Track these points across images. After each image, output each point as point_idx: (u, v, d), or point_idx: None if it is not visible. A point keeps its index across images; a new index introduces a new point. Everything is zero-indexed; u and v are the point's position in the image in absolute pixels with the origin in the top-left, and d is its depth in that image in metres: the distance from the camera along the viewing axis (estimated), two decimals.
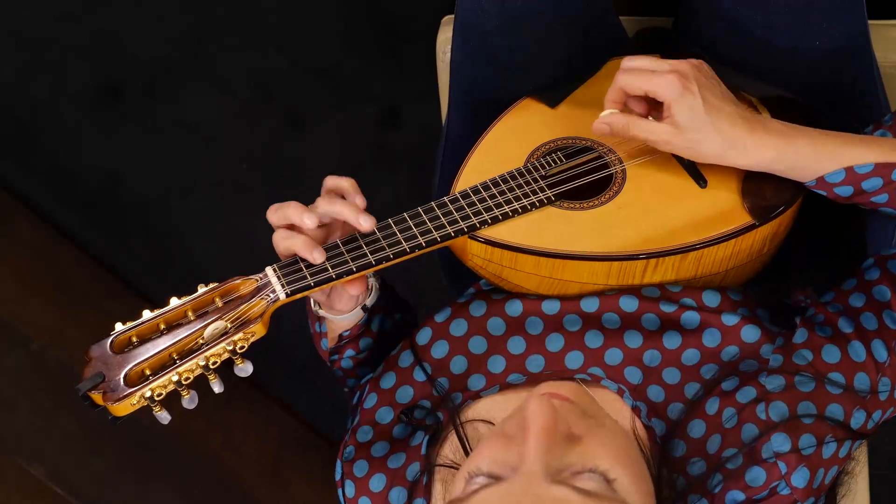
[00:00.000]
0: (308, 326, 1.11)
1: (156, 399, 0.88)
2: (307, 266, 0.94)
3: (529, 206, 1.00)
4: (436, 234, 0.97)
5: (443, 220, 0.98)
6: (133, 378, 0.88)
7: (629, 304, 0.98)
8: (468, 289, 1.09)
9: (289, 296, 0.92)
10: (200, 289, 0.93)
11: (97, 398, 0.88)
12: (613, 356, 0.97)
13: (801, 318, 0.95)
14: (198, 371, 0.89)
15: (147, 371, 0.88)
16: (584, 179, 1.03)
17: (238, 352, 0.91)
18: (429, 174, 1.30)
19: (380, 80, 1.91)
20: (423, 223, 0.97)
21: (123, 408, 0.88)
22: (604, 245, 0.98)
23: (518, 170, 1.03)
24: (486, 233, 0.98)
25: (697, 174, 1.02)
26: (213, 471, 1.92)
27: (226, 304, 0.92)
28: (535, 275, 0.99)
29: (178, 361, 0.89)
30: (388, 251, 0.95)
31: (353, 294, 0.99)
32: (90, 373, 0.88)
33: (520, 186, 1.01)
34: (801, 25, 1.09)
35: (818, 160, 0.96)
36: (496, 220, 0.98)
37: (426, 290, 1.15)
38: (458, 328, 1.02)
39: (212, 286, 0.93)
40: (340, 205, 0.95)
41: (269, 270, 0.94)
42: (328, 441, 1.98)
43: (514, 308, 1.01)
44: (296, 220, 0.94)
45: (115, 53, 1.93)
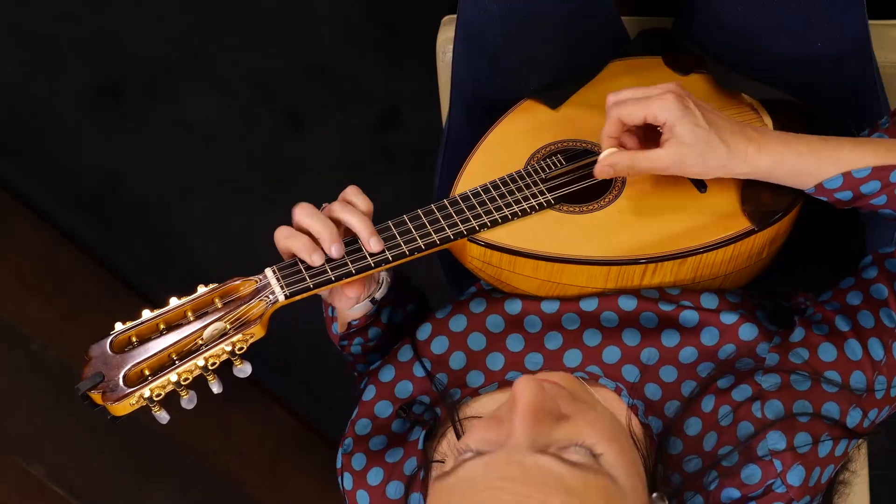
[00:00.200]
0: (307, 328, 1.12)
1: (155, 399, 0.88)
2: (306, 268, 0.94)
3: (529, 210, 1.00)
4: (435, 237, 0.97)
5: (442, 223, 0.98)
6: (132, 378, 0.88)
7: (628, 304, 0.98)
8: (469, 288, 1.09)
9: (288, 297, 0.92)
10: (200, 289, 0.93)
11: (96, 398, 0.88)
12: (611, 354, 0.97)
13: (799, 318, 0.95)
14: (197, 371, 0.89)
15: (146, 371, 0.88)
16: (585, 183, 1.03)
17: (237, 353, 0.91)
18: (429, 174, 1.30)
19: (380, 80, 1.91)
20: (423, 226, 0.97)
21: (122, 407, 0.88)
22: (603, 249, 0.98)
23: (518, 172, 1.03)
24: (486, 236, 0.98)
25: (697, 179, 1.02)
26: (213, 470, 1.92)
27: (225, 305, 0.92)
28: (534, 278, 0.99)
29: (178, 362, 0.89)
30: (388, 253, 0.95)
31: (351, 297, 0.99)
32: (90, 372, 0.88)
33: (520, 189, 1.01)
34: (802, 26, 1.09)
35: (816, 166, 0.96)
36: (495, 223, 0.98)
37: (426, 290, 1.15)
38: (458, 324, 1.02)
39: (211, 287, 0.93)
40: (357, 218, 0.95)
41: (269, 272, 0.94)
42: (326, 440, 1.98)
43: (514, 306, 1.01)
44: (321, 236, 0.94)
45: (115, 53, 1.93)
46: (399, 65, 1.90)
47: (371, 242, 0.94)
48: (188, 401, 0.90)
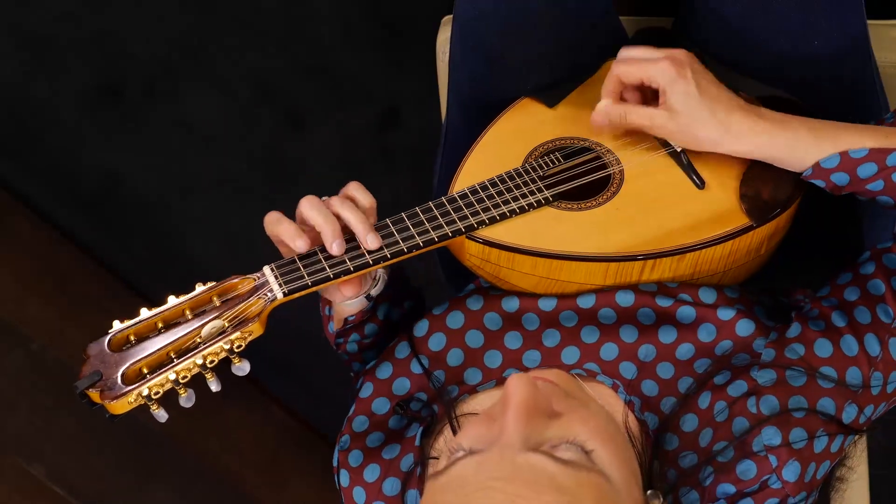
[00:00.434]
0: (306, 326, 1.12)
1: (153, 397, 0.88)
2: (305, 265, 0.94)
3: (527, 207, 1.00)
4: (433, 235, 0.97)
5: (440, 221, 0.98)
6: (130, 376, 0.88)
7: (625, 300, 0.98)
8: (467, 285, 1.09)
9: (286, 295, 0.92)
10: (198, 287, 0.93)
11: (95, 396, 0.88)
12: (609, 351, 0.97)
13: (796, 313, 0.95)
14: (195, 370, 0.89)
15: (144, 369, 0.88)
16: (583, 180, 1.03)
17: (235, 351, 0.91)
18: (429, 174, 1.30)
19: (380, 80, 1.91)
20: (421, 223, 0.97)
21: (121, 406, 0.88)
22: (601, 246, 0.98)
23: (516, 170, 1.03)
24: (484, 233, 0.98)
25: (695, 175, 1.02)
26: (212, 470, 1.92)
27: (223, 303, 0.92)
28: (533, 275, 0.99)
29: (176, 360, 0.89)
30: (386, 251, 0.95)
31: (348, 295, 0.99)
32: (88, 371, 0.88)
33: (518, 187, 1.01)
34: (801, 25, 1.09)
35: (814, 144, 0.96)
36: (494, 221, 0.98)
37: (425, 288, 1.15)
38: (455, 321, 1.02)
39: (209, 285, 0.93)
40: (354, 214, 0.95)
41: (267, 270, 0.94)
42: (326, 440, 1.98)
43: (511, 304, 1.01)
44: (322, 231, 0.94)
45: (115, 53, 1.93)
46: (399, 65, 1.90)
47: (368, 239, 0.94)
48: (186, 399, 0.91)
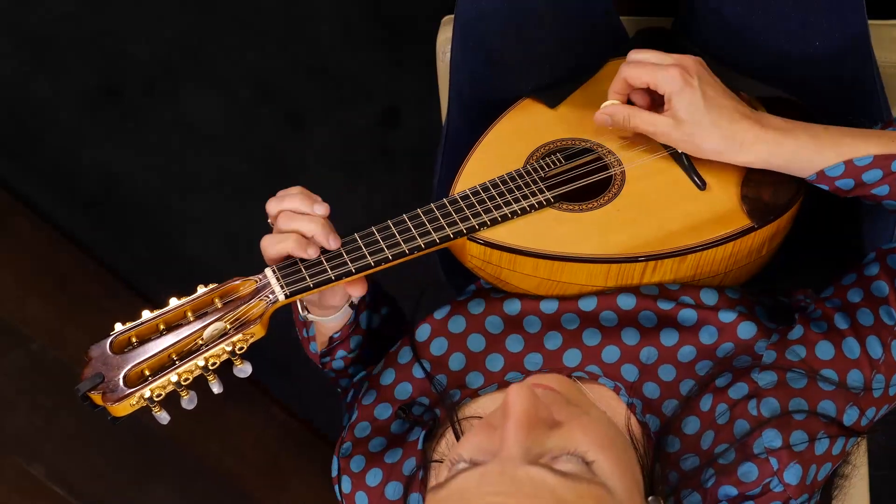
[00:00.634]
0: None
1: (155, 399, 0.88)
2: (306, 267, 0.94)
3: (528, 208, 1.00)
4: (434, 236, 0.97)
5: (442, 222, 0.98)
6: (132, 378, 0.88)
7: (627, 302, 0.98)
8: (468, 286, 1.09)
9: (288, 297, 0.92)
10: (200, 289, 0.93)
11: (97, 398, 0.88)
12: (611, 354, 0.97)
13: (800, 315, 0.95)
14: (197, 372, 0.89)
15: (146, 372, 0.88)
16: (584, 181, 1.03)
17: (237, 353, 0.91)
18: (429, 174, 1.30)
19: (380, 80, 1.91)
20: (423, 225, 0.97)
21: (123, 408, 0.88)
22: (603, 247, 0.98)
23: (517, 171, 1.03)
24: (485, 234, 0.98)
25: (697, 176, 1.02)
26: (213, 471, 1.92)
27: (225, 305, 0.92)
28: (534, 276, 0.99)
29: (178, 362, 0.89)
30: (387, 252, 0.95)
31: (354, 295, 0.99)
32: (90, 373, 0.88)
33: (519, 188, 1.01)
34: (801, 25, 1.09)
35: (817, 152, 0.96)
36: (495, 222, 0.98)
37: (426, 289, 1.15)
38: (457, 325, 1.02)
39: (211, 287, 0.93)
40: (306, 222, 0.94)
41: (269, 271, 0.94)
42: (327, 441, 1.98)
43: (513, 307, 1.01)
44: (314, 234, 0.93)
45: (115, 53, 1.93)
46: (399, 65, 1.90)
47: (330, 241, 0.94)
48: (188, 401, 0.90)
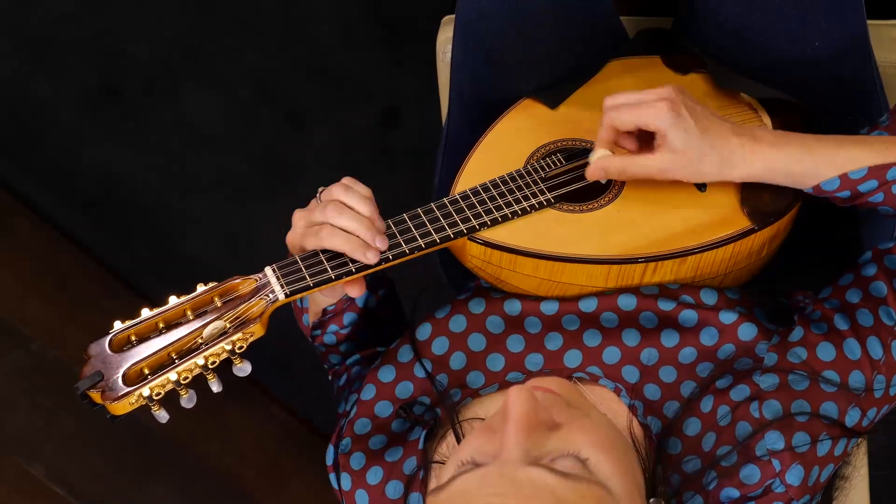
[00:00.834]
0: None
1: (154, 398, 0.88)
2: (307, 266, 0.94)
3: (529, 209, 1.00)
4: (435, 236, 0.97)
5: (442, 222, 0.98)
6: (132, 377, 0.88)
7: (627, 303, 0.98)
8: (468, 284, 1.09)
9: (288, 296, 0.92)
10: (199, 288, 0.92)
11: (96, 397, 0.88)
12: (612, 355, 0.97)
13: (799, 316, 0.95)
14: (196, 370, 0.89)
15: (146, 370, 0.88)
16: (584, 182, 1.03)
17: (237, 351, 0.91)
18: (429, 174, 1.30)
19: (380, 80, 1.91)
20: (423, 224, 0.97)
21: (122, 407, 0.87)
22: (603, 248, 0.98)
23: (518, 171, 1.02)
24: (485, 235, 0.98)
25: None
26: (213, 471, 1.92)
27: (225, 304, 0.92)
28: (534, 277, 0.99)
29: (177, 361, 0.89)
30: (388, 252, 0.95)
31: (354, 295, 0.99)
32: (89, 371, 0.88)
33: (519, 188, 1.01)
34: (801, 25, 1.09)
35: (812, 167, 0.96)
36: (495, 222, 0.98)
37: (425, 289, 1.15)
38: (458, 324, 1.02)
39: (211, 285, 0.93)
40: (352, 220, 0.94)
41: (269, 270, 0.94)
42: (327, 441, 1.98)
43: (513, 307, 1.01)
44: (365, 236, 0.93)
45: (115, 53, 1.93)
46: (399, 65, 1.90)
47: (377, 242, 0.94)
48: (188, 400, 0.90)
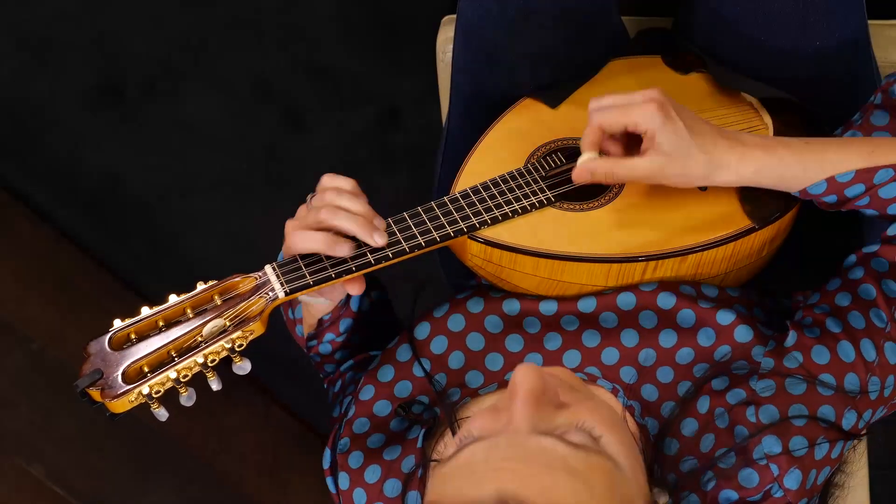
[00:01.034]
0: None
1: (154, 396, 0.88)
2: (307, 265, 0.94)
3: (529, 207, 1.00)
4: (435, 234, 0.97)
5: (442, 220, 0.98)
6: (131, 375, 0.88)
7: (627, 301, 0.98)
8: (467, 283, 1.09)
9: (288, 294, 0.92)
10: (199, 286, 0.92)
11: (95, 395, 0.88)
12: (610, 355, 0.97)
13: (791, 322, 0.95)
14: (196, 369, 0.89)
15: (145, 368, 0.88)
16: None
17: (236, 350, 0.91)
18: (429, 174, 1.30)
19: (380, 80, 1.91)
20: (423, 223, 0.97)
21: (121, 405, 0.88)
22: (603, 247, 0.98)
23: (518, 170, 1.03)
24: (486, 233, 0.98)
25: None
26: (213, 471, 1.92)
27: (225, 302, 0.92)
28: (534, 275, 0.99)
29: (177, 359, 0.89)
30: (388, 250, 0.95)
31: (355, 294, 0.99)
32: (88, 369, 0.88)
33: (520, 187, 1.01)
34: (801, 25, 1.09)
35: (801, 170, 0.96)
36: (496, 221, 0.98)
37: (422, 287, 1.15)
38: (456, 324, 1.02)
39: (211, 284, 0.93)
40: (348, 220, 0.94)
41: (269, 269, 0.94)
42: (327, 440, 1.98)
43: (512, 307, 1.01)
44: (360, 235, 0.94)
45: (115, 53, 1.93)
46: (399, 65, 1.90)
47: (376, 237, 0.94)
48: (187, 398, 0.90)
